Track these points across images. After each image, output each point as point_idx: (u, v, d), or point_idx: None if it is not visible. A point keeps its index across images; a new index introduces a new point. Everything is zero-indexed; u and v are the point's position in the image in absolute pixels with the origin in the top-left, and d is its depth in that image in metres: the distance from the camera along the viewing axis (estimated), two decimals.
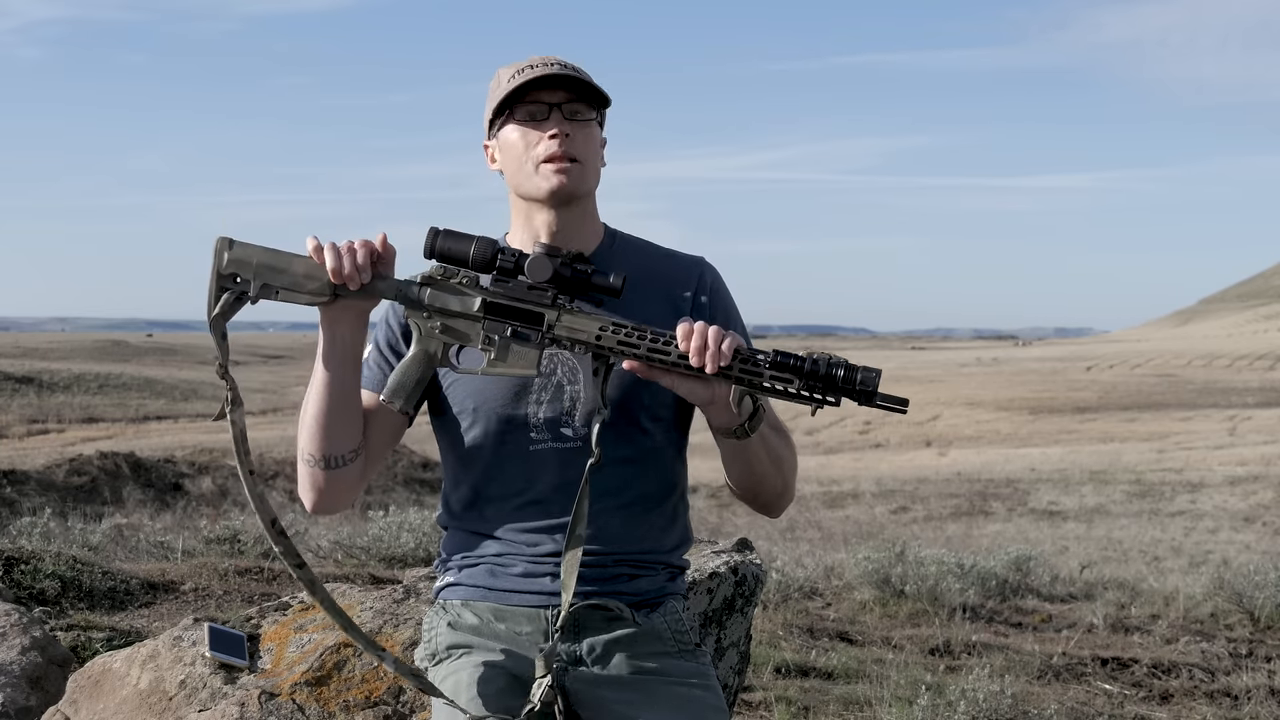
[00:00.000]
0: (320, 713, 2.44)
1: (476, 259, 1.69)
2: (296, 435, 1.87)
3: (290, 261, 1.69)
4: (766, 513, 1.95)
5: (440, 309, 1.72)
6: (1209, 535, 16.76)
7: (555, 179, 1.86)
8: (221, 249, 1.68)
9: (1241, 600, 6.52)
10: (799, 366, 1.64)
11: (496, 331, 1.71)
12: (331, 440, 1.80)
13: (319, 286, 1.69)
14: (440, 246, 1.70)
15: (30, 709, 3.22)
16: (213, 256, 1.69)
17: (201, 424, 34.62)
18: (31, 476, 15.71)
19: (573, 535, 1.76)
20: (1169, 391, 50.55)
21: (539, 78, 1.84)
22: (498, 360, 1.72)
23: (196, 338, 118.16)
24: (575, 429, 1.88)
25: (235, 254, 1.68)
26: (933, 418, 42.19)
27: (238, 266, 1.68)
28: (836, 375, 1.63)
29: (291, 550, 1.76)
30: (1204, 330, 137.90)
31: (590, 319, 1.69)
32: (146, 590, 4.95)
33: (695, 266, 1.99)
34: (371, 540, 6.76)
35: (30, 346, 68.45)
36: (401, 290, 1.72)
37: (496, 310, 1.70)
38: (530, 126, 1.87)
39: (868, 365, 1.64)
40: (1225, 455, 28.26)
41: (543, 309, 1.70)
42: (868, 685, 4.58)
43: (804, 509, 17.94)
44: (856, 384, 1.63)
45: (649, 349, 1.67)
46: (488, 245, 1.69)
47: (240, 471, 1.74)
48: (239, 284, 1.68)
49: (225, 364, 1.71)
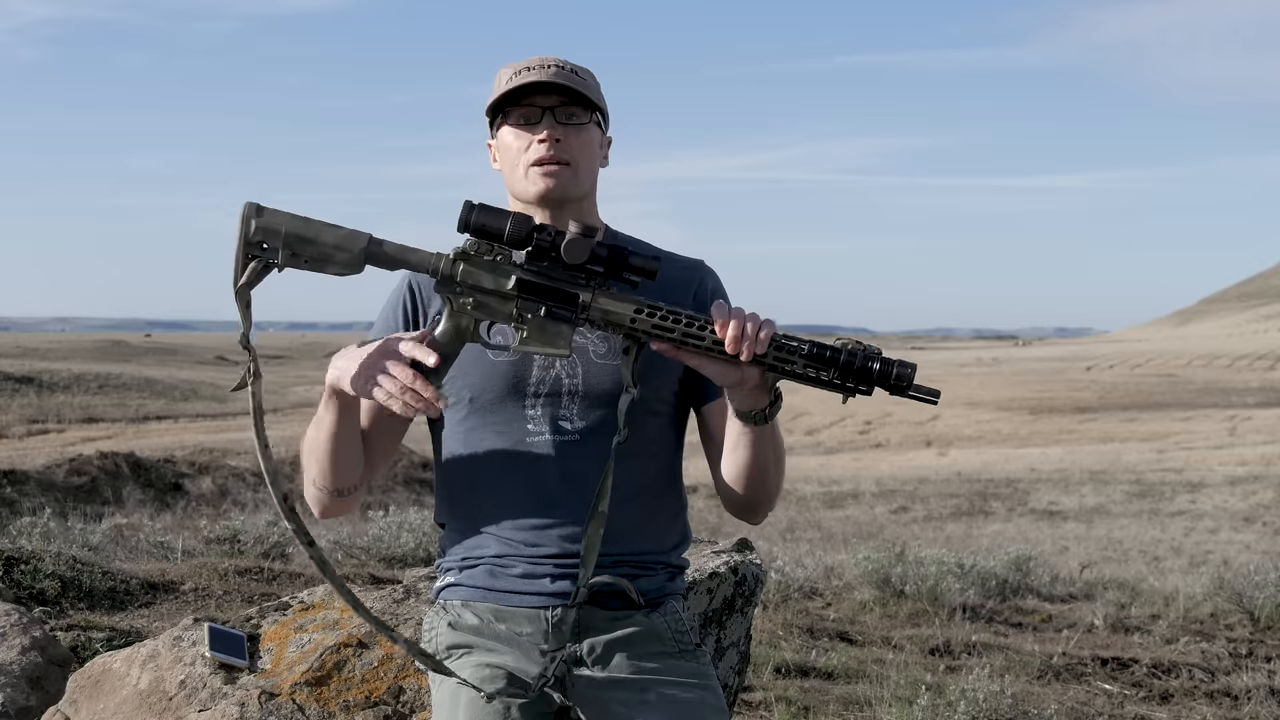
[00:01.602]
0: (320, 713, 2.44)
1: (512, 236, 1.65)
2: (301, 455, 1.87)
3: (320, 231, 1.64)
4: (751, 515, 1.93)
5: (474, 285, 1.68)
6: (1209, 535, 16.77)
7: (543, 182, 1.87)
8: (249, 215, 1.62)
9: (1241, 600, 6.52)
10: (834, 358, 1.63)
11: (530, 310, 1.68)
12: (342, 474, 1.83)
13: (349, 259, 1.65)
14: (476, 221, 1.66)
15: (30, 709, 3.22)
16: (239, 223, 1.63)
17: (202, 424, 34.61)
18: (31, 476, 15.70)
19: (595, 511, 1.75)
20: (1169, 391, 50.56)
21: (532, 82, 1.85)
22: (530, 339, 1.69)
23: (197, 337, 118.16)
24: (574, 422, 1.88)
25: (263, 221, 1.62)
26: (933, 418, 42.18)
27: (265, 234, 1.62)
28: (872, 369, 1.62)
29: (303, 528, 1.74)
30: (1204, 330, 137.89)
31: (625, 301, 1.68)
32: (146, 590, 4.95)
33: (695, 270, 2.00)
34: (371, 540, 6.76)
35: (30, 346, 68.48)
36: (434, 264, 1.68)
37: (532, 289, 1.67)
38: (523, 129, 1.88)
39: (903, 359, 1.63)
40: (1225, 455, 28.27)
41: (578, 289, 1.68)
42: (868, 685, 4.58)
43: (804, 509, 17.95)
44: (892, 379, 1.62)
45: (683, 333, 1.66)
46: (524, 222, 1.65)
47: (256, 444, 1.71)
48: (265, 251, 1.62)
49: (248, 334, 1.68)
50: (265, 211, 1.63)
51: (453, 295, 1.69)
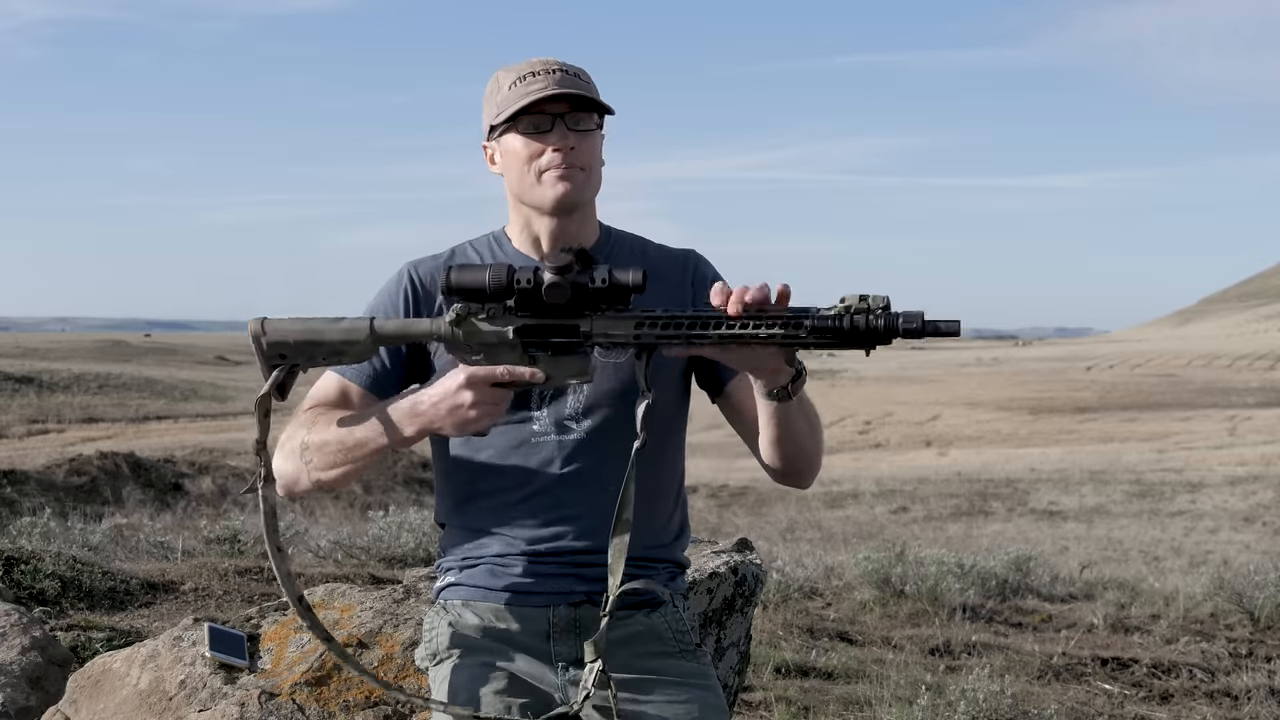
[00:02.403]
0: (320, 713, 2.44)
1: (493, 287, 1.68)
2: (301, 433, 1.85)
3: (323, 330, 1.74)
4: (798, 482, 1.94)
5: (480, 343, 1.72)
6: (1209, 535, 16.77)
7: (560, 187, 1.87)
8: (258, 333, 1.74)
9: (1241, 600, 6.52)
10: (839, 328, 1.63)
11: (539, 350, 1.72)
12: (341, 482, 1.86)
13: (362, 349, 1.75)
14: (455, 283, 1.69)
15: (30, 709, 3.22)
16: (252, 340, 1.75)
17: (202, 424, 34.61)
18: (31, 476, 15.70)
19: (619, 520, 1.75)
20: (1169, 391, 50.58)
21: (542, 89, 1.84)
22: (551, 376, 1.73)
23: (197, 337, 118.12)
24: (579, 421, 1.89)
25: (272, 336, 1.74)
26: (933, 418, 42.21)
27: (279, 346, 1.75)
28: (877, 328, 1.61)
29: (319, 625, 1.82)
30: (1204, 330, 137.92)
31: (625, 319, 1.69)
32: (146, 590, 4.95)
33: (687, 258, 2.01)
34: (371, 540, 6.75)
35: (30, 346, 68.41)
36: (438, 332, 1.74)
37: (532, 332, 1.71)
38: (534, 137, 1.87)
39: (908, 312, 1.61)
40: (1225, 455, 28.27)
41: (576, 319, 1.70)
42: (868, 685, 4.58)
43: (804, 509, 17.95)
44: (900, 331, 1.61)
45: (688, 335, 1.67)
46: (502, 271, 1.68)
47: (268, 548, 1.78)
48: (285, 359, 1.75)
49: (263, 441, 1.75)
50: (268, 323, 1.74)
51: (463, 355, 1.74)
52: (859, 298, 1.62)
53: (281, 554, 1.77)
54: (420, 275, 1.96)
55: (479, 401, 1.69)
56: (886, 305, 1.62)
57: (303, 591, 1.79)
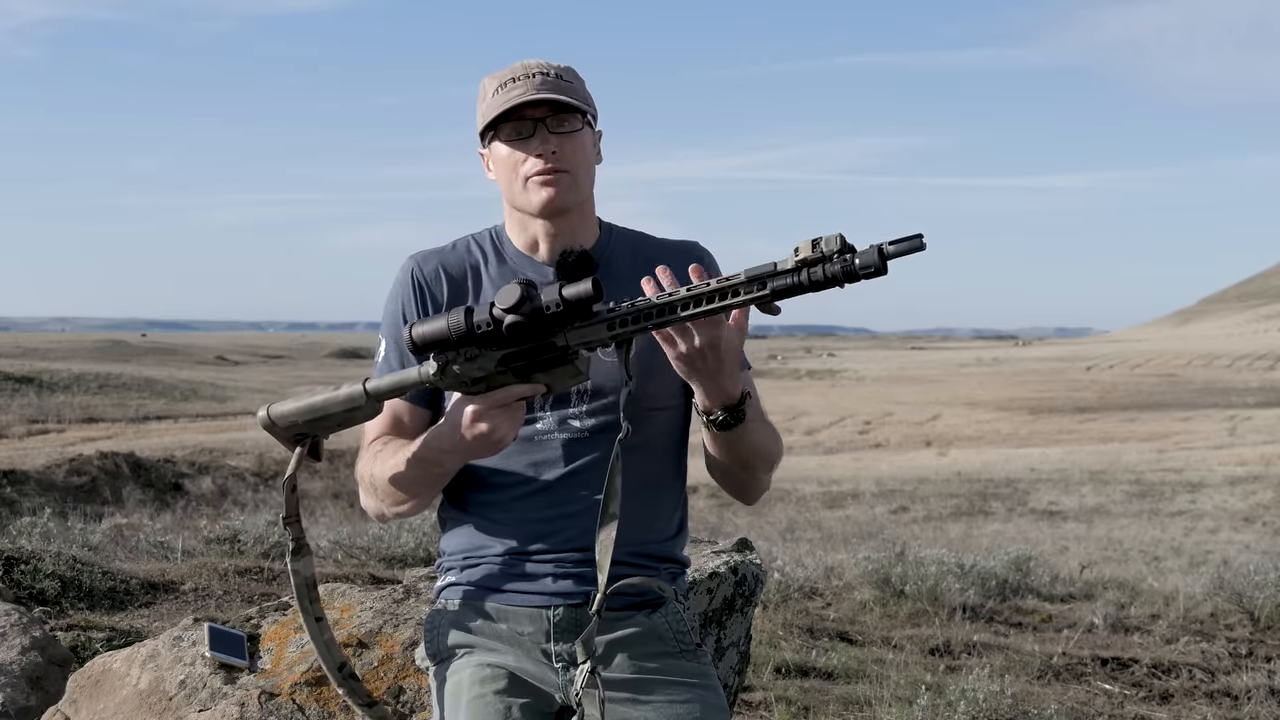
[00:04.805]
0: (320, 713, 2.44)
1: (456, 333, 1.69)
2: (371, 468, 1.90)
3: (324, 404, 1.82)
4: (741, 499, 1.99)
5: (472, 379, 1.74)
6: (1209, 535, 16.77)
7: (545, 193, 1.87)
8: (268, 423, 1.84)
9: (1241, 600, 6.52)
10: (799, 283, 1.61)
11: (527, 371, 1.73)
12: (416, 510, 1.91)
13: (367, 411, 1.82)
14: (417, 340, 1.71)
15: (30, 709, 3.22)
16: (267, 431, 1.86)
17: (202, 424, 34.60)
18: (31, 476, 15.72)
19: (605, 513, 1.75)
20: (1169, 391, 50.57)
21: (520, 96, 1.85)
22: (550, 386, 1.75)
23: (197, 337, 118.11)
24: (583, 420, 1.89)
25: (281, 422, 1.83)
26: (933, 418, 42.20)
27: (291, 429, 1.83)
28: (837, 276, 1.58)
29: (360, 691, 1.89)
30: (1204, 330, 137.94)
31: (596, 324, 1.70)
32: (146, 590, 4.95)
33: (691, 251, 2.01)
34: (371, 540, 6.76)
35: (30, 346, 68.45)
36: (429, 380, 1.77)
37: (514, 359, 1.73)
38: (517, 144, 1.88)
39: (864, 250, 1.56)
40: (1225, 455, 28.26)
41: (552, 336, 1.71)
42: (868, 685, 4.58)
43: (804, 509, 17.96)
44: (859, 274, 1.57)
45: (657, 324, 1.68)
46: (460, 317, 1.69)
47: (304, 621, 1.85)
48: (304, 438, 1.84)
49: (294, 516, 1.85)
50: (274, 412, 1.84)
51: (463, 391, 1.76)
52: (811, 244, 1.59)
53: (321, 624, 1.84)
54: (424, 272, 1.97)
55: (496, 425, 1.73)
56: (842, 246, 1.57)
57: (346, 658, 1.84)
